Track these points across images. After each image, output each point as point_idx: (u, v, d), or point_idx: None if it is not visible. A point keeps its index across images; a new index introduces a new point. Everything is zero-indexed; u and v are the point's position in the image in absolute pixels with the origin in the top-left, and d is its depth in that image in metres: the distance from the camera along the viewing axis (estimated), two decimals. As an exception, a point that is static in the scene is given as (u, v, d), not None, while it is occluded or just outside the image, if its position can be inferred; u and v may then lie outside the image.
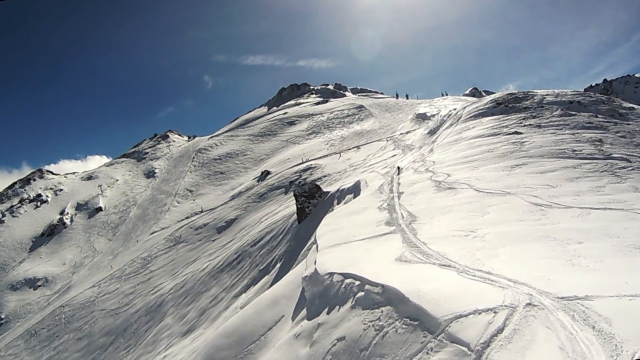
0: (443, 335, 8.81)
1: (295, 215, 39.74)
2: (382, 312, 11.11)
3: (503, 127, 39.41)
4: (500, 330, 8.16)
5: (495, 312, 8.77)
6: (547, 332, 7.76)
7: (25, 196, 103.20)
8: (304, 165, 65.41)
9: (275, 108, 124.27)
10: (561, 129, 35.81)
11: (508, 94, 49.96)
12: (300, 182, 53.60)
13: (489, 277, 10.97)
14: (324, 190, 40.56)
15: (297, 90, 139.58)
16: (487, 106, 48.43)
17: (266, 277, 34.44)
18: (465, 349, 8.08)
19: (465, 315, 8.96)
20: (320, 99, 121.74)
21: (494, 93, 61.81)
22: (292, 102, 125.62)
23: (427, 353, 8.80)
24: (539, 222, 16.30)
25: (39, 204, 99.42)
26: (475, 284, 10.67)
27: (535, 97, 46.20)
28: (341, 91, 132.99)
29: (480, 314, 8.87)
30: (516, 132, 36.86)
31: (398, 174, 23.80)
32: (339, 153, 66.90)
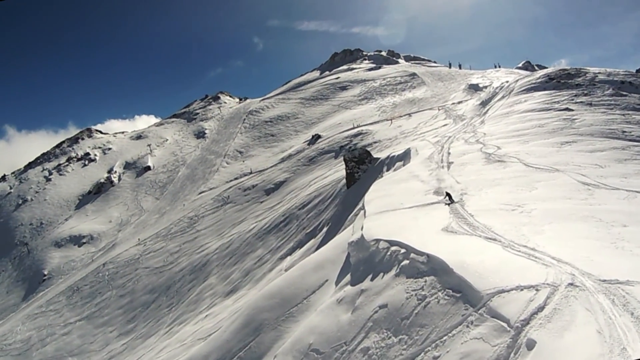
0: (484, 310, 9.07)
1: (344, 180, 39.89)
2: (425, 281, 11.40)
3: (554, 102, 38.73)
4: (541, 308, 8.36)
5: (537, 290, 8.96)
6: (587, 314, 7.91)
7: (73, 155, 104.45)
8: (355, 130, 64.93)
9: (327, 72, 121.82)
10: (612, 109, 35.04)
11: (560, 70, 48.83)
12: (350, 147, 53.53)
13: (533, 254, 11.11)
14: (374, 156, 40.54)
15: (350, 56, 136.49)
16: (539, 80, 47.50)
17: (312, 240, 34.92)
18: (505, 324, 8.34)
19: (508, 291, 9.19)
20: (373, 65, 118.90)
21: (546, 67, 60.34)
22: (345, 67, 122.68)
23: (467, 326, 9.09)
24: (586, 201, 16.26)
25: (86, 162, 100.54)
26: (519, 260, 10.85)
27: (587, 75, 45.04)
28: (394, 58, 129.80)
29: (522, 290, 9.08)
30: (567, 109, 36.22)
31: (449, 203, 22.09)
32: (390, 120, 65.96)
